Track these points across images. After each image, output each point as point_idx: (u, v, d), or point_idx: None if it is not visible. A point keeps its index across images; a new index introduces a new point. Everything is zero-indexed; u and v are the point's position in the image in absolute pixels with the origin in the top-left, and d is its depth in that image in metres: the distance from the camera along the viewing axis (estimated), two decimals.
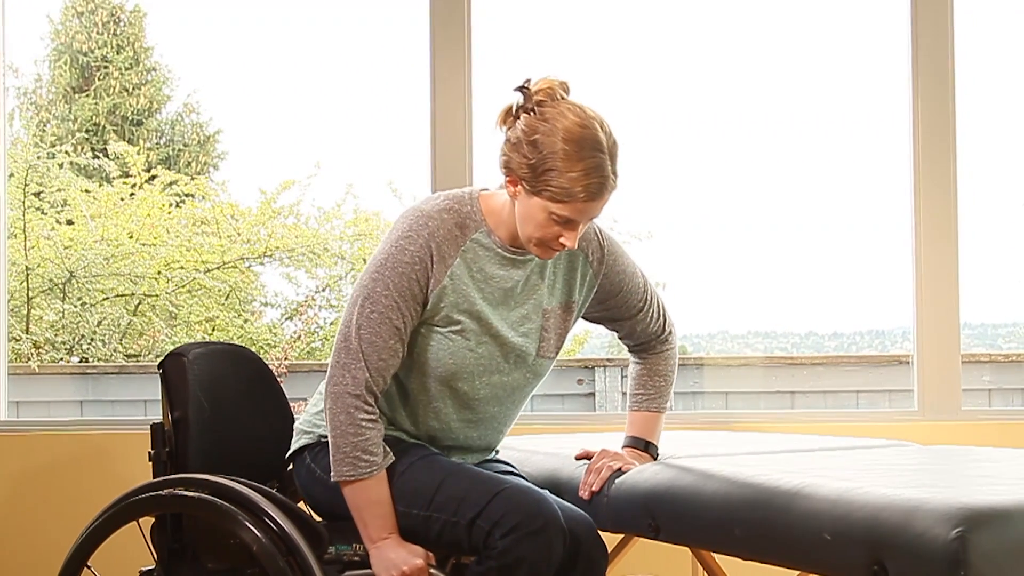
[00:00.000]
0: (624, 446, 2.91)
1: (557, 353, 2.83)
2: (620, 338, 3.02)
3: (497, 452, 2.99)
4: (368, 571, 2.67)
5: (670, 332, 2.99)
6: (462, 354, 2.69)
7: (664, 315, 2.97)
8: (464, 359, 2.69)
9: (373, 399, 2.64)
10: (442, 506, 2.62)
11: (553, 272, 2.78)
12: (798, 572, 2.60)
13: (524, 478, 2.85)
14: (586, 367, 5.52)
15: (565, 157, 2.52)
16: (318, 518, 2.80)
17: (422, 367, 2.71)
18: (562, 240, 2.60)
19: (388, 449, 2.67)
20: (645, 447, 2.90)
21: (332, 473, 2.64)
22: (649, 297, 2.93)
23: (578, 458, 2.91)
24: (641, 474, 2.74)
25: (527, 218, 2.61)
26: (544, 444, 3.25)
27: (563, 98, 2.59)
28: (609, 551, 3.12)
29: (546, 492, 2.70)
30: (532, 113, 2.57)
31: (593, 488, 2.78)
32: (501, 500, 2.58)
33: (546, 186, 2.54)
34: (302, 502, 2.88)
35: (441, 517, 2.63)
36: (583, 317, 2.94)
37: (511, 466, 2.95)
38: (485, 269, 2.70)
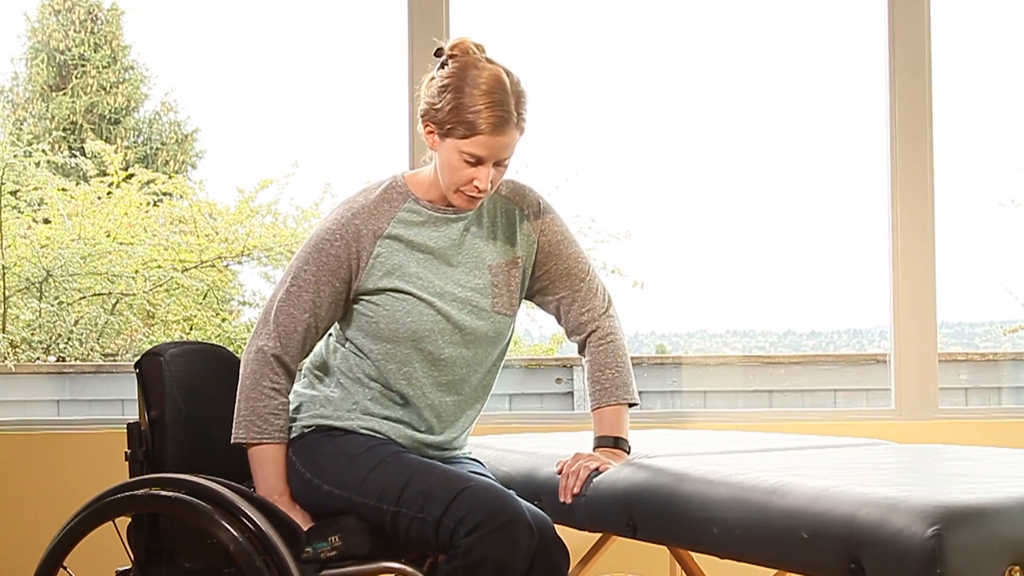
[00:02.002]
0: (595, 448, 2.92)
1: (514, 312, 2.91)
2: (564, 325, 3.03)
3: (468, 451, 3.00)
4: (347, 570, 2.68)
5: (611, 314, 3.00)
6: (418, 312, 2.79)
7: (605, 293, 3.02)
8: (422, 317, 2.79)
9: (282, 369, 2.79)
10: (409, 502, 2.66)
11: (492, 228, 2.90)
12: (775, 571, 2.60)
13: (492, 478, 2.86)
14: (564, 366, 5.51)
15: (469, 94, 2.70)
16: None
17: (385, 333, 2.80)
18: (476, 183, 2.74)
19: (282, 427, 2.79)
20: (615, 443, 2.90)
21: (232, 435, 2.79)
22: (589, 269, 3.01)
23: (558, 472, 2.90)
24: (619, 473, 2.74)
25: (443, 165, 2.77)
26: (522, 443, 3.25)
27: (476, 53, 2.77)
28: (586, 551, 3.13)
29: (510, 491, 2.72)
30: (446, 67, 2.76)
31: (574, 491, 2.79)
32: (465, 498, 2.60)
33: (454, 124, 2.71)
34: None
35: (409, 513, 2.65)
36: (533, 296, 2.99)
37: (481, 465, 2.96)
38: (421, 233, 2.84)
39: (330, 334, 2.93)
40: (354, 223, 2.81)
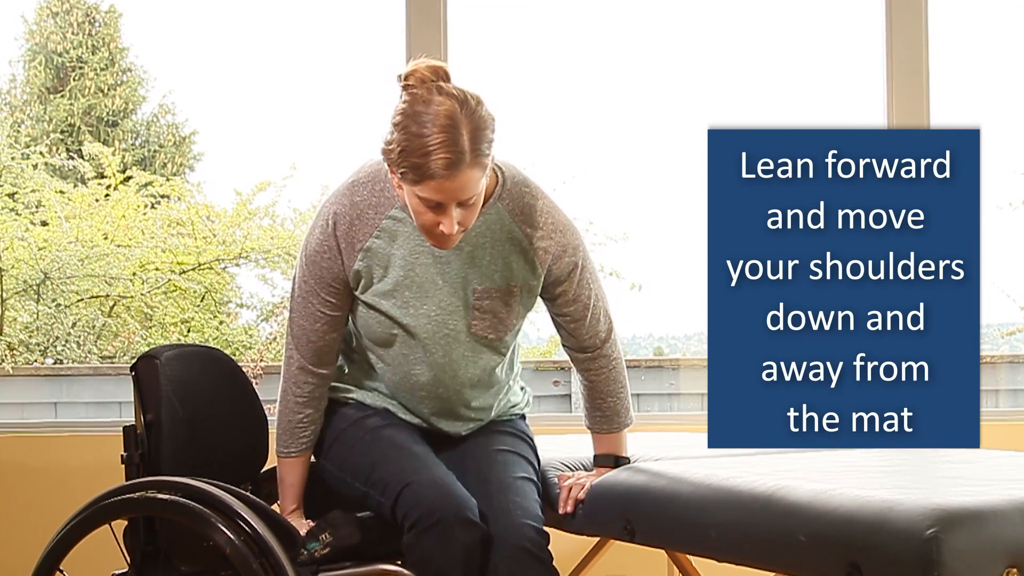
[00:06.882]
0: (594, 466, 2.94)
1: (499, 336, 2.79)
2: (566, 342, 2.93)
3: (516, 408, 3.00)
4: (343, 572, 2.68)
5: (613, 339, 2.90)
6: (387, 326, 2.77)
7: (608, 318, 2.89)
8: (391, 331, 2.77)
9: (310, 378, 2.81)
10: (375, 484, 2.71)
11: (490, 250, 2.73)
12: (773, 574, 2.60)
13: (537, 471, 2.86)
14: (562, 369, 5.51)
15: (416, 135, 2.49)
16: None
17: (362, 332, 2.83)
18: (441, 228, 2.56)
19: (303, 441, 2.84)
20: (615, 462, 2.90)
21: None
22: (596, 296, 2.86)
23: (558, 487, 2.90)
24: (616, 477, 2.74)
25: (410, 208, 2.61)
26: None
27: (434, 81, 2.55)
28: (584, 554, 3.13)
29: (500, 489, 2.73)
30: (401, 98, 2.56)
31: (579, 496, 2.79)
32: (407, 493, 2.62)
33: (404, 168, 2.52)
34: (276, 504, 2.89)
35: (374, 495, 2.70)
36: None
37: (525, 458, 2.88)
38: (404, 245, 2.72)
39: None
40: (335, 235, 2.73)
